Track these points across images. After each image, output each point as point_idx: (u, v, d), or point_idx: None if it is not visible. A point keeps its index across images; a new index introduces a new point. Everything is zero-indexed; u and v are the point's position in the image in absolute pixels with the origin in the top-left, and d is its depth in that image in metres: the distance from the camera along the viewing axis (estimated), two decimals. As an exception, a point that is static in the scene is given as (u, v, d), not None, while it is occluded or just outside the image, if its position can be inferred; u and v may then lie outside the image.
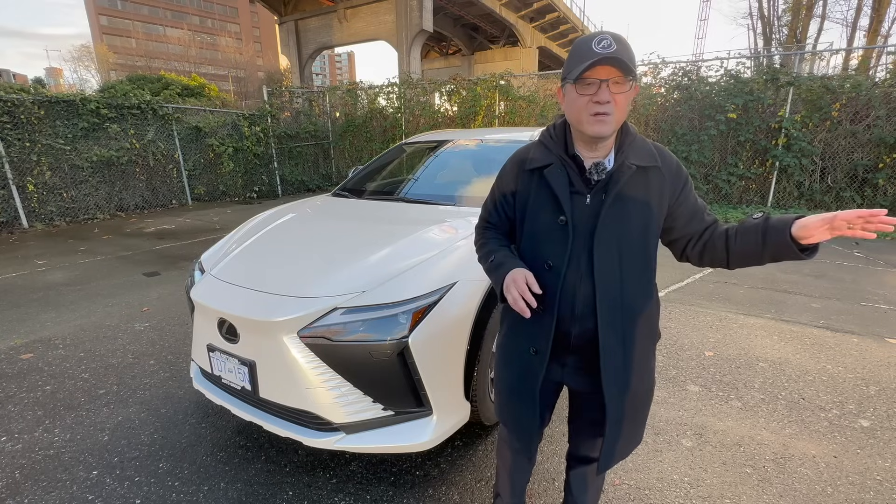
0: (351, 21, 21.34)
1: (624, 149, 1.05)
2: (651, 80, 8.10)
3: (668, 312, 3.51)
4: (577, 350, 1.11)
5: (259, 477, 1.80)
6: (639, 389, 1.13)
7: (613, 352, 1.07)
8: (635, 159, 1.03)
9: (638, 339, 1.09)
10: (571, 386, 1.19)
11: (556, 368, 1.16)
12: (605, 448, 1.15)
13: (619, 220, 1.02)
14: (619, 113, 0.98)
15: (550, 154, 1.09)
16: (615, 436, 1.14)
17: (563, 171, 1.06)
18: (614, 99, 0.96)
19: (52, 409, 2.28)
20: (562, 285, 1.06)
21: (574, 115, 1.01)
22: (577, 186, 1.05)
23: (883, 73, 7.58)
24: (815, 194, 7.00)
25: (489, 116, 9.22)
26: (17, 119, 6.45)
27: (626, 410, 1.12)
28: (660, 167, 1.06)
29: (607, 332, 1.05)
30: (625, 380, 1.09)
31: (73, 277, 4.40)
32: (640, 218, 1.04)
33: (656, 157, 1.06)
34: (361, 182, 3.10)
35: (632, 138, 1.07)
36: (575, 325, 1.08)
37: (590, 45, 0.95)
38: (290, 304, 1.58)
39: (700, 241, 1.10)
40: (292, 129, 10.56)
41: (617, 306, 1.05)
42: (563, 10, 29.62)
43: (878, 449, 1.97)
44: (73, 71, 48.01)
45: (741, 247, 1.03)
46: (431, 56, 34.68)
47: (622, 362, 1.08)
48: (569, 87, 1.00)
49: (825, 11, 16.18)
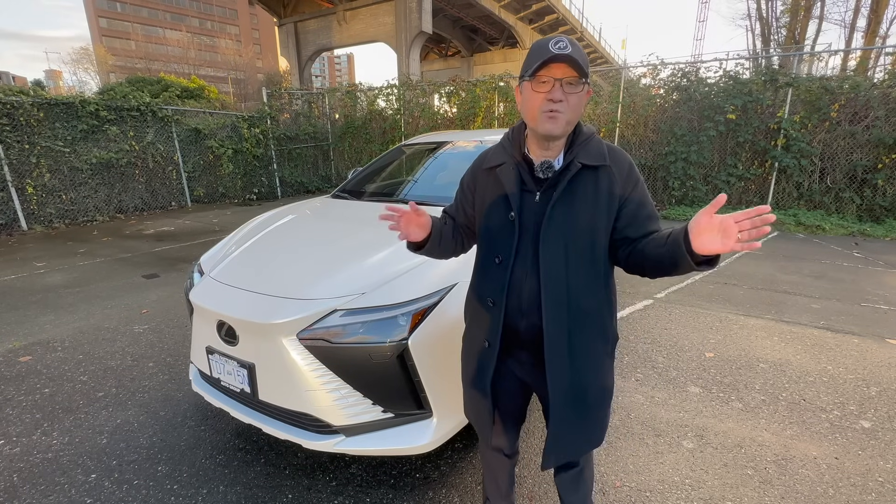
0: (350, 23, 21.38)
1: (574, 148, 1.07)
2: (650, 82, 8.11)
3: (668, 314, 3.51)
4: (528, 345, 1.14)
5: (258, 480, 1.79)
6: (589, 388, 1.13)
7: (558, 347, 1.08)
8: (584, 158, 1.05)
9: (586, 336, 1.10)
10: (530, 383, 1.22)
11: (514, 364, 1.20)
12: (547, 443, 1.16)
13: (565, 218, 1.05)
14: (572, 113, 1.01)
15: (505, 154, 1.14)
16: (560, 431, 1.14)
17: (515, 169, 1.11)
18: (567, 98, 0.99)
19: (51, 411, 2.27)
20: (509, 280, 1.10)
21: (528, 113, 1.04)
22: (528, 185, 1.09)
23: (881, 73, 7.58)
24: (814, 195, 7.00)
25: (488, 118, 9.23)
26: (16, 121, 6.44)
27: (572, 406, 1.12)
28: (609, 166, 1.06)
29: (552, 327, 1.07)
30: (570, 376, 1.10)
31: (71, 280, 4.39)
32: (588, 216, 1.05)
33: (606, 156, 1.07)
34: (361, 183, 3.09)
35: (584, 138, 1.09)
36: (522, 319, 1.11)
37: (547, 45, 0.98)
38: (289, 307, 1.57)
39: (630, 247, 1.08)
40: (292, 130, 10.56)
41: (562, 302, 1.06)
42: (562, 11, 29.69)
43: (879, 450, 1.96)
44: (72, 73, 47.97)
45: (651, 253, 1.02)
46: (431, 58, 34.74)
47: (567, 358, 1.09)
48: (525, 85, 1.03)
49: (823, 13, 16.22)
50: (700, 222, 0.88)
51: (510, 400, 1.26)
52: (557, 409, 1.12)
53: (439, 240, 1.23)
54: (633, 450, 1.97)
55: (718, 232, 0.85)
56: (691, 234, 0.90)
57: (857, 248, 5.58)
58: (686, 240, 0.91)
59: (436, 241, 1.22)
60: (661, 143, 7.84)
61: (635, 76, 8.30)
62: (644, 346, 2.95)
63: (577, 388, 1.12)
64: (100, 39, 58.49)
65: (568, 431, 1.15)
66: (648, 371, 2.64)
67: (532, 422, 2.15)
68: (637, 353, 2.86)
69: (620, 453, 1.95)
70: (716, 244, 0.86)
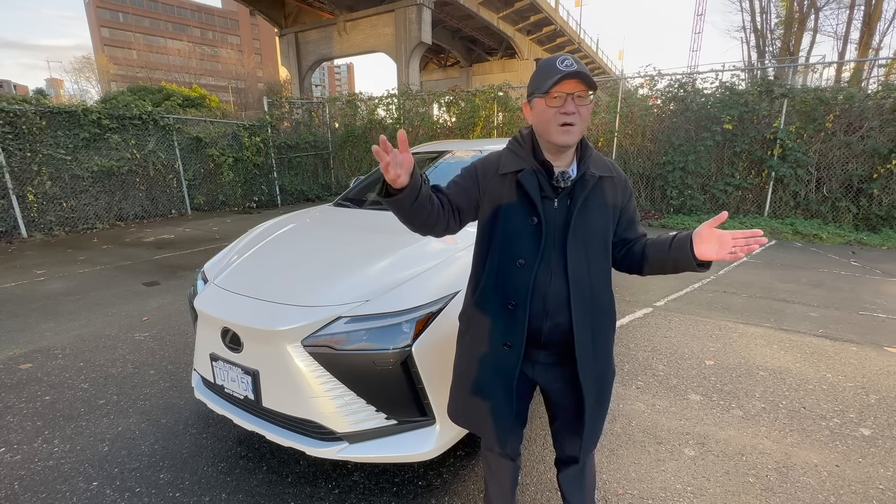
0: (350, 33, 21.61)
1: (585, 160, 1.17)
2: (647, 92, 8.20)
3: (667, 322, 3.52)
4: (549, 345, 1.20)
5: (261, 488, 1.79)
6: (607, 377, 1.26)
7: (585, 343, 1.17)
8: (596, 169, 1.17)
9: (603, 330, 1.22)
10: (542, 383, 1.27)
11: (528, 365, 1.24)
12: (586, 431, 1.26)
13: (585, 223, 1.15)
14: (582, 124, 1.10)
15: (521, 161, 1.17)
16: (595, 416, 1.26)
17: (535, 176, 1.15)
18: (578, 111, 1.08)
19: (52, 419, 2.26)
20: (533, 282, 1.14)
21: (542, 126, 1.12)
22: (546, 191, 1.15)
23: (875, 84, 7.69)
24: (811, 204, 7.06)
25: (487, 127, 9.31)
26: (18, 129, 6.47)
27: (597, 398, 1.25)
28: (614, 178, 1.21)
29: (581, 326, 1.16)
30: (596, 367, 1.21)
31: (72, 287, 4.39)
32: (602, 221, 1.18)
33: (611, 168, 1.21)
34: (363, 192, 3.12)
35: (590, 151, 1.20)
36: (547, 320, 1.16)
37: (554, 64, 1.07)
38: (293, 313, 1.58)
39: (625, 248, 1.25)
40: (292, 139, 10.63)
41: (587, 301, 1.16)
42: (560, 22, 30.08)
43: (879, 457, 1.97)
44: (73, 82, 48.30)
45: (653, 255, 1.19)
46: (430, 67, 35.06)
47: (592, 351, 1.19)
48: (536, 101, 1.11)
49: (817, 25, 16.46)
50: (702, 233, 1.08)
51: (520, 401, 1.28)
52: (590, 401, 1.21)
53: (416, 194, 1.06)
54: (635, 457, 1.97)
55: (716, 243, 1.06)
56: (695, 242, 1.09)
57: (855, 256, 5.62)
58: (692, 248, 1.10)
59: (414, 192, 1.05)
60: (659, 153, 7.92)
61: (633, 87, 8.40)
62: (644, 355, 2.96)
63: (600, 380, 1.23)
64: (102, 49, 58.96)
65: (596, 420, 1.27)
66: (649, 379, 2.65)
67: (533, 429, 2.15)
68: (637, 362, 2.87)
69: (622, 461, 1.95)
70: (712, 253, 1.07)
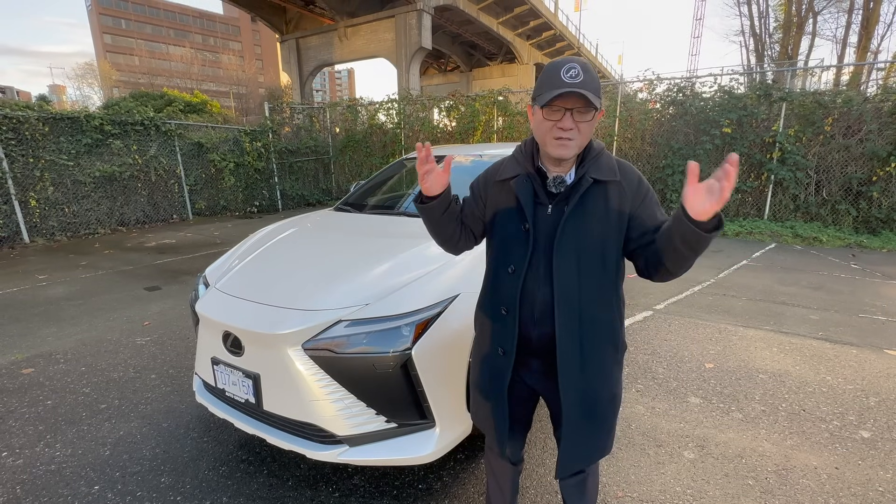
0: (351, 39, 21.74)
1: (586, 164, 1.11)
2: (647, 96, 8.25)
3: (667, 325, 3.53)
4: (539, 353, 1.17)
5: (261, 491, 1.79)
6: (599, 397, 1.16)
7: (570, 355, 1.11)
8: (595, 174, 1.09)
9: (596, 345, 1.13)
10: (540, 391, 1.25)
11: (525, 372, 1.22)
12: (561, 451, 1.19)
13: (577, 230, 1.09)
14: (582, 138, 1.05)
15: (519, 167, 1.17)
16: (573, 439, 1.17)
17: (529, 182, 1.14)
18: (577, 126, 1.03)
19: (54, 423, 2.27)
20: (521, 289, 1.13)
21: (539, 136, 1.09)
22: (541, 198, 1.13)
23: (873, 88, 7.73)
24: (810, 207, 7.07)
25: (487, 132, 9.35)
26: (21, 135, 6.52)
27: (584, 415, 1.15)
28: (619, 181, 1.10)
29: (564, 336, 1.10)
30: (582, 384, 1.13)
31: (74, 292, 4.41)
32: (599, 229, 1.09)
33: (616, 171, 1.11)
34: (363, 197, 3.14)
35: (595, 154, 1.12)
36: (535, 328, 1.15)
37: (559, 73, 1.01)
38: (294, 317, 1.60)
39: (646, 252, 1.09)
40: (293, 144, 10.68)
41: (574, 312, 1.10)
42: (560, 27, 30.24)
43: (879, 460, 1.97)
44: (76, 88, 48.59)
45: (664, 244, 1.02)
46: (430, 72, 35.23)
47: (579, 367, 1.12)
48: (536, 109, 1.07)
49: (815, 29, 16.57)
50: (688, 194, 0.91)
51: (520, 407, 1.28)
52: (570, 417, 1.14)
53: (446, 207, 1.17)
54: (635, 460, 1.98)
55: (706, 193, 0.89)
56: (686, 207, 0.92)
57: (855, 259, 5.62)
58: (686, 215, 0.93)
59: (443, 206, 1.16)
60: (659, 157, 7.94)
61: (632, 91, 8.44)
62: (644, 358, 2.97)
63: (589, 397, 1.15)
64: (104, 55, 59.31)
65: (580, 439, 1.18)
66: (649, 382, 2.65)
67: (534, 432, 2.16)
68: (637, 364, 2.87)
69: (622, 464, 1.96)
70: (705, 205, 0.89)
